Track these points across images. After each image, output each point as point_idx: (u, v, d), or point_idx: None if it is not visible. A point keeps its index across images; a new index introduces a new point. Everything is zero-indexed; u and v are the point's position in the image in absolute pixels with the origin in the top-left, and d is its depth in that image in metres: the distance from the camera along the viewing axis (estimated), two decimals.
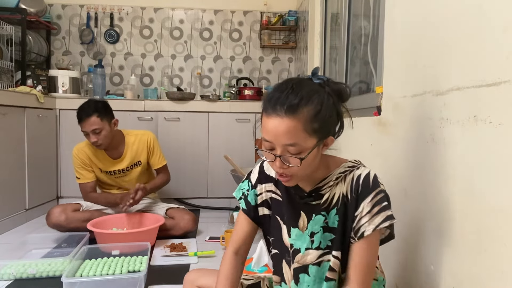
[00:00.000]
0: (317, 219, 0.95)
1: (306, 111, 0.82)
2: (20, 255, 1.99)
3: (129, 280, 1.63)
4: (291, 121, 0.82)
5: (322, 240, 0.94)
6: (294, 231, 0.98)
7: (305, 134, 0.83)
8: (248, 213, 1.05)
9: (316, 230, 0.95)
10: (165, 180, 2.58)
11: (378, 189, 0.89)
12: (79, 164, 2.40)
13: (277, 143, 0.84)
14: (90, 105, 2.29)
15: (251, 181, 1.07)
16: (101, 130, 2.27)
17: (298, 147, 0.83)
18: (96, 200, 2.43)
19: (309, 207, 0.96)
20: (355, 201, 0.90)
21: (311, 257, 0.95)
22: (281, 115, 0.82)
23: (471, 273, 0.90)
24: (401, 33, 1.34)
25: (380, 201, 0.89)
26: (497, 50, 0.81)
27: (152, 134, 2.56)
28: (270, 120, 0.83)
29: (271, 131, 0.84)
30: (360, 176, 0.91)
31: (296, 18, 3.59)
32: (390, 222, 0.88)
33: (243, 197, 1.07)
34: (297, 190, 0.98)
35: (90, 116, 2.24)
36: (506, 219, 0.78)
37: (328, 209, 0.94)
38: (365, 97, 1.82)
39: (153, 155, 2.53)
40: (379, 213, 0.88)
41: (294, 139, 0.82)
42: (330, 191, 0.94)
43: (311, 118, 0.82)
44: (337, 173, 0.94)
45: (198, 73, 3.70)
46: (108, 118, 2.32)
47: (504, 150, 0.78)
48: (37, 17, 3.22)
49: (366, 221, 0.88)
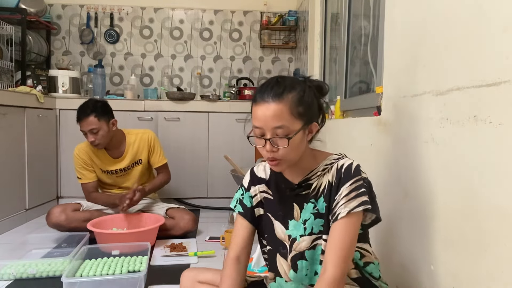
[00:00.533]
0: (308, 207, 1.01)
1: (290, 96, 0.93)
2: (20, 255, 1.99)
3: (129, 280, 1.63)
4: (278, 105, 0.92)
5: (314, 226, 0.99)
6: (291, 223, 1.03)
7: (291, 117, 0.92)
8: (245, 215, 1.09)
9: (307, 217, 1.00)
10: (165, 179, 2.58)
11: (358, 177, 0.96)
12: (80, 164, 2.40)
13: (266, 127, 0.93)
14: (89, 105, 2.30)
15: (244, 185, 1.13)
16: (99, 130, 2.27)
17: (285, 129, 0.92)
18: (98, 200, 2.43)
19: (300, 197, 1.03)
20: (337, 186, 0.96)
21: (305, 243, 0.99)
22: (269, 101, 0.92)
23: (471, 273, 0.90)
24: (401, 33, 1.34)
25: (358, 187, 0.94)
26: (497, 50, 0.81)
27: (152, 132, 2.56)
28: (259, 107, 0.94)
29: (260, 117, 0.93)
30: (343, 165, 0.98)
31: (296, 18, 3.59)
32: (364, 207, 0.92)
33: (238, 201, 1.12)
34: (287, 183, 1.05)
35: (88, 116, 2.25)
36: (506, 219, 0.78)
37: (316, 196, 1.00)
38: (365, 97, 1.82)
39: (153, 154, 2.53)
40: (356, 198, 0.93)
41: (282, 121, 0.92)
42: (317, 181, 1.01)
43: (295, 103, 0.93)
44: (323, 164, 1.01)
45: (198, 73, 3.70)
46: (106, 118, 2.32)
47: (504, 150, 0.78)
48: (37, 17, 3.22)
49: (342, 203, 0.93)
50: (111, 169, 2.44)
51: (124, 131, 2.50)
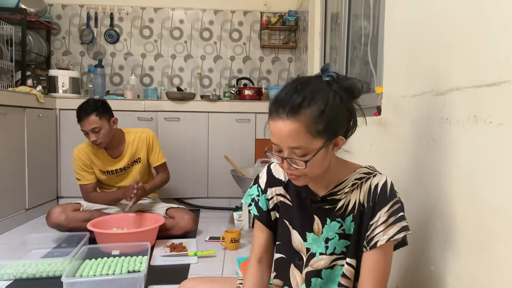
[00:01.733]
0: (332, 226, 0.93)
1: (309, 112, 0.80)
2: (20, 255, 1.99)
3: (129, 280, 1.63)
4: (293, 124, 0.80)
5: (337, 246, 0.93)
6: (310, 236, 0.96)
7: (309, 136, 0.81)
8: (261, 219, 1.03)
9: (331, 236, 0.94)
10: (164, 179, 2.58)
11: (395, 199, 0.89)
12: (80, 166, 2.40)
13: (283, 145, 0.83)
14: (89, 104, 2.30)
15: (260, 186, 1.04)
16: (100, 129, 2.28)
17: (303, 150, 0.82)
18: (97, 199, 2.43)
19: (323, 211, 0.94)
20: (372, 210, 0.89)
21: (325, 262, 0.94)
22: (283, 118, 0.81)
23: (471, 273, 0.90)
24: (401, 33, 1.34)
25: (396, 211, 0.88)
26: (497, 50, 0.81)
27: (151, 131, 2.57)
28: (274, 123, 0.83)
29: (275, 134, 0.83)
30: (377, 185, 0.90)
31: (296, 18, 3.59)
32: (405, 233, 0.87)
33: (254, 203, 1.05)
34: (309, 193, 0.96)
35: (89, 115, 2.25)
36: (506, 219, 0.78)
37: (343, 215, 0.93)
38: (365, 97, 1.80)
39: (152, 152, 2.53)
40: (395, 224, 0.87)
41: (298, 142, 0.81)
42: (345, 198, 0.93)
43: (314, 119, 0.80)
44: (352, 179, 0.93)
45: (198, 73, 3.70)
46: (107, 116, 2.33)
47: (504, 150, 0.78)
48: (37, 17, 3.22)
49: (381, 230, 0.87)
50: (110, 169, 2.44)
51: (124, 130, 2.51)
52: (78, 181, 2.43)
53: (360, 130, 0.97)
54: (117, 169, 2.46)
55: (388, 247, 0.88)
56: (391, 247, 0.90)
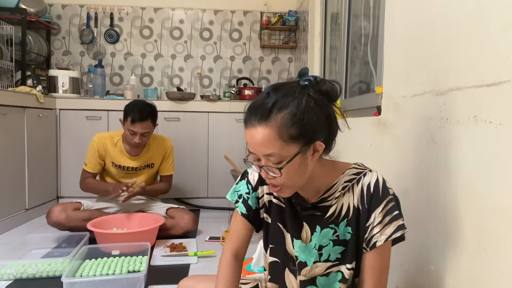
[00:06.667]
0: (325, 233, 0.92)
1: (280, 117, 0.77)
2: (20, 255, 1.99)
3: (129, 280, 1.63)
4: (264, 130, 0.78)
5: (331, 253, 0.92)
6: (297, 243, 0.94)
7: (281, 142, 0.78)
8: (248, 217, 1.00)
9: (324, 243, 0.92)
10: (166, 188, 2.63)
11: (388, 197, 0.88)
12: (93, 153, 2.43)
13: (258, 153, 0.81)
14: (147, 108, 2.34)
15: (250, 183, 1.01)
16: (149, 134, 2.36)
17: (277, 157, 0.79)
18: (91, 185, 2.45)
19: (313, 218, 0.92)
20: (367, 212, 0.88)
21: (319, 269, 0.93)
22: (255, 125, 0.79)
23: (471, 273, 0.90)
24: (401, 33, 1.34)
25: (391, 210, 0.87)
26: (497, 50, 0.81)
27: (171, 142, 2.64)
28: (248, 131, 0.81)
29: (250, 142, 0.81)
30: (369, 185, 0.88)
31: (296, 18, 3.59)
32: (402, 232, 0.87)
33: (242, 200, 1.01)
34: (299, 200, 0.93)
35: (146, 120, 2.30)
36: (506, 219, 0.78)
37: (337, 221, 0.91)
38: (365, 97, 1.82)
39: (165, 162, 2.59)
40: (391, 223, 0.86)
41: (271, 148, 0.78)
42: (337, 203, 0.90)
43: (285, 124, 0.77)
44: (342, 182, 0.90)
45: (198, 73, 3.70)
46: (155, 123, 2.41)
47: (504, 150, 0.78)
48: (37, 17, 3.22)
49: (378, 231, 0.87)
50: (123, 165, 2.46)
51: None
52: (84, 165, 2.46)
53: (360, 130, 0.96)
54: (129, 167, 2.47)
55: (386, 246, 0.89)
56: (389, 246, 0.90)
